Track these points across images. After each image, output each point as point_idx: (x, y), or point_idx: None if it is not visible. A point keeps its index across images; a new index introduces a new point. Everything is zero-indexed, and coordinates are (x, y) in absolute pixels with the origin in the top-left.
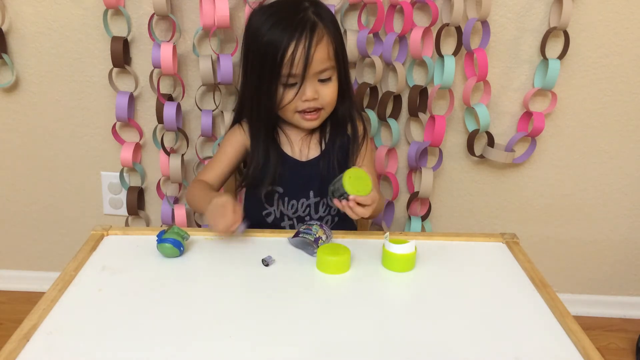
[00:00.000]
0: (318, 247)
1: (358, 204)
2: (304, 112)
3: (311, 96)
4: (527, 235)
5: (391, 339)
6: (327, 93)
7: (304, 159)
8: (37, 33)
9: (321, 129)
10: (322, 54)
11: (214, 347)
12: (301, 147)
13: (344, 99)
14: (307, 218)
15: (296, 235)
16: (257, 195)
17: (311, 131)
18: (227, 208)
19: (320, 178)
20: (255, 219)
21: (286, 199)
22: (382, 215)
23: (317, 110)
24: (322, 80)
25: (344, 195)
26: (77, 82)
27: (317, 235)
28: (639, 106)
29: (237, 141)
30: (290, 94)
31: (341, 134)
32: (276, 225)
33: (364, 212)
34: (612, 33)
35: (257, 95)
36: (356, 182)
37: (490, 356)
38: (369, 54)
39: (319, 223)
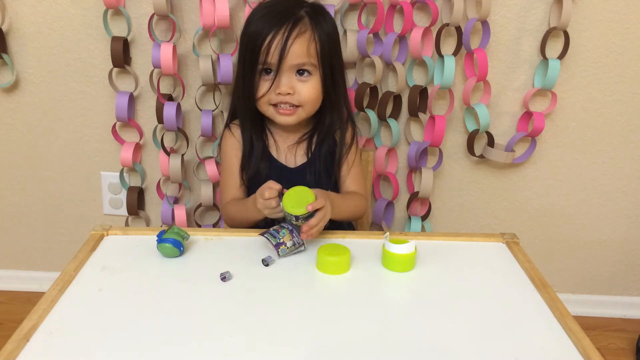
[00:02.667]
0: (279, 254)
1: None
2: (278, 106)
3: (285, 90)
4: (527, 235)
5: (391, 339)
6: (305, 91)
7: (291, 165)
8: (37, 33)
9: (309, 137)
10: (300, 48)
11: (214, 347)
12: (288, 153)
13: (332, 109)
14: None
15: (264, 233)
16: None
17: (298, 140)
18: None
19: (308, 184)
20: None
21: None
22: (382, 215)
23: (293, 106)
24: (300, 77)
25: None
26: (77, 82)
27: (282, 241)
28: (639, 106)
29: (233, 147)
30: (266, 84)
31: (328, 140)
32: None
33: (317, 231)
34: (612, 33)
35: (242, 86)
36: (296, 199)
37: (490, 356)
38: (369, 54)
39: (290, 228)
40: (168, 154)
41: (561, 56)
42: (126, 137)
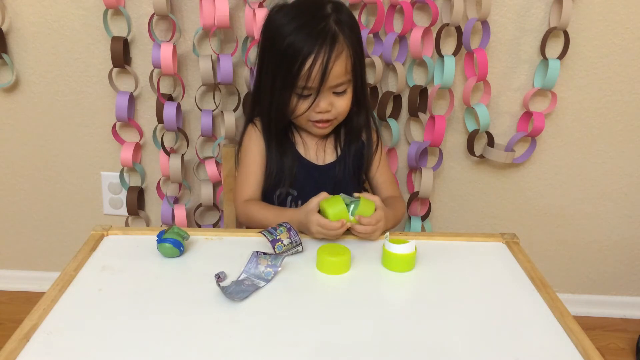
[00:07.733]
0: (275, 250)
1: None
2: (316, 120)
3: (325, 109)
4: (527, 235)
5: (391, 339)
6: (341, 105)
7: (320, 163)
8: (37, 33)
9: (336, 133)
10: (339, 69)
11: (214, 347)
12: (317, 151)
13: (360, 109)
14: None
15: (263, 230)
16: (269, 196)
17: (326, 136)
18: (326, 226)
19: (335, 183)
20: None
21: (300, 202)
22: None
23: (329, 120)
24: (337, 93)
25: None
26: (77, 82)
27: (278, 237)
28: (639, 106)
29: (258, 144)
30: (304, 105)
31: (356, 140)
32: None
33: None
34: (612, 33)
35: (271, 100)
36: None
37: (490, 356)
38: (369, 54)
39: (288, 226)
40: (168, 154)
41: (561, 56)
42: (126, 137)
